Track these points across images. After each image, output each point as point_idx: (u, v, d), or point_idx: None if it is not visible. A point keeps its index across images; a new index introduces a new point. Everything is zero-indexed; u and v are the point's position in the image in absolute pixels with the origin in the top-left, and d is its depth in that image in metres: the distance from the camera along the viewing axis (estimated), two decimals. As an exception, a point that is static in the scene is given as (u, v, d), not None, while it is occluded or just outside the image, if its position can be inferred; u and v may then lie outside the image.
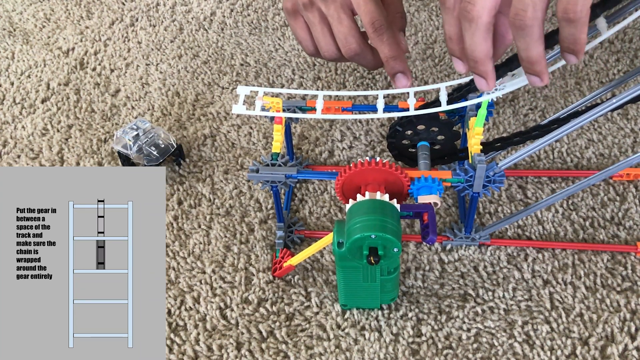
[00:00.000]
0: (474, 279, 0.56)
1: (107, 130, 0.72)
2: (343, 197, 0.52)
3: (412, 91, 0.50)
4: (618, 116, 0.69)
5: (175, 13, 0.88)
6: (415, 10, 0.85)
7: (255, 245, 0.60)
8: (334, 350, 0.52)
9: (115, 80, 0.79)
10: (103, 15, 0.89)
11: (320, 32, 0.52)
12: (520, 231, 0.60)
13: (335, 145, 0.69)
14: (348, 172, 0.50)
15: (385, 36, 0.49)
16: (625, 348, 0.51)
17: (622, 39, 0.79)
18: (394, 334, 0.53)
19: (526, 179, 0.64)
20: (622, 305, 0.54)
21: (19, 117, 0.75)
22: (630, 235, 0.59)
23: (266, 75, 0.78)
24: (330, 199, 0.64)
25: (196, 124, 0.72)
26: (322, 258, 0.59)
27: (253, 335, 0.53)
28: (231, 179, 0.66)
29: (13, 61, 0.82)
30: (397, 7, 0.52)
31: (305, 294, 0.56)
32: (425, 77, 0.76)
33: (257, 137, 0.70)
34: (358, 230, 0.46)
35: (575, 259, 0.57)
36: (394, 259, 0.48)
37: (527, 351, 0.51)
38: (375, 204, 0.47)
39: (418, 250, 0.59)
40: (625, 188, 0.63)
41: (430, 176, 0.50)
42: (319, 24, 0.51)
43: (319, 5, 0.51)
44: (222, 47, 0.82)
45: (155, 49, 0.83)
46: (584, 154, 0.66)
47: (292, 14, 0.53)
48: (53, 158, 0.69)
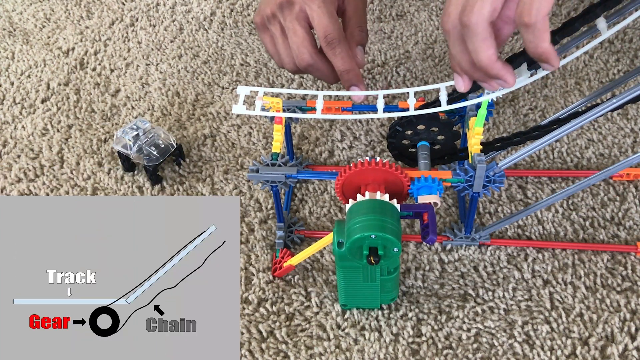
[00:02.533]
0: (474, 279, 0.56)
1: (107, 130, 0.72)
2: (343, 197, 0.52)
3: (412, 91, 0.50)
4: (618, 116, 0.69)
5: (175, 13, 0.88)
6: (415, 10, 0.85)
7: (255, 245, 0.60)
8: (334, 350, 0.52)
9: (115, 80, 0.79)
10: (103, 15, 0.89)
11: (280, 44, 0.53)
12: (520, 231, 0.60)
13: (335, 145, 0.69)
14: (348, 172, 0.50)
15: (338, 49, 0.50)
16: (625, 348, 0.51)
17: (622, 39, 0.79)
18: (394, 334, 0.53)
19: (526, 179, 0.64)
20: (622, 305, 0.54)
21: (19, 117, 0.75)
22: (630, 235, 0.59)
23: (266, 75, 0.78)
24: (330, 199, 0.64)
25: (196, 124, 0.72)
26: (322, 258, 0.59)
27: (253, 335, 0.53)
28: (231, 179, 0.66)
29: (13, 61, 0.82)
30: (358, 22, 0.54)
31: (305, 294, 0.56)
32: (425, 77, 0.76)
33: (257, 137, 0.70)
34: (358, 230, 0.46)
35: (575, 259, 0.57)
36: (394, 259, 0.48)
37: (527, 351, 0.51)
38: (375, 204, 0.47)
39: (418, 250, 0.59)
40: (625, 188, 0.63)
41: (430, 176, 0.50)
42: (280, 36, 0.53)
43: (279, 18, 0.52)
44: (222, 47, 0.82)
45: (155, 49, 0.83)
46: (584, 154, 0.66)
47: (261, 28, 0.55)
48: (53, 158, 0.69)
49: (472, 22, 0.40)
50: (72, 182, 0.67)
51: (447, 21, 0.42)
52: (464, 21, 0.41)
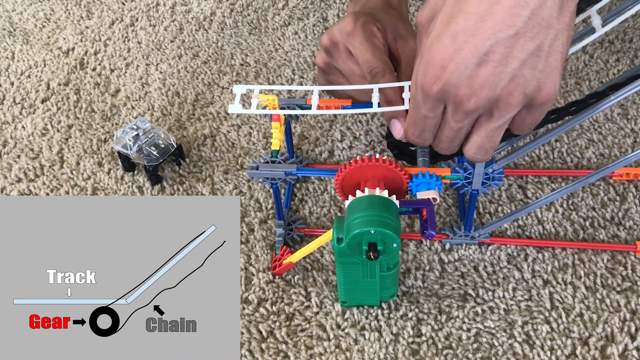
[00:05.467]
0: (474, 279, 0.56)
1: (107, 130, 0.72)
2: (342, 193, 0.52)
3: (406, 85, 0.49)
4: (618, 116, 0.69)
5: (175, 13, 0.88)
6: (415, 10, 0.85)
7: (255, 245, 0.60)
8: (334, 350, 0.52)
9: (115, 80, 0.79)
10: (103, 15, 0.89)
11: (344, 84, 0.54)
12: (520, 231, 0.60)
13: (335, 145, 0.69)
14: (347, 169, 0.50)
15: (381, 81, 0.50)
16: (625, 348, 0.51)
17: (622, 39, 0.79)
18: (394, 334, 0.53)
19: (526, 179, 0.64)
20: (622, 305, 0.54)
21: (19, 117, 0.75)
22: (630, 235, 0.59)
23: (266, 75, 0.78)
24: (330, 199, 0.64)
25: (196, 124, 0.72)
26: (322, 258, 0.59)
27: (253, 335, 0.53)
28: (231, 179, 0.66)
29: (13, 61, 0.82)
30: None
31: (305, 294, 0.56)
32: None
33: (257, 137, 0.70)
34: (357, 226, 0.46)
35: (575, 259, 0.57)
36: (394, 254, 0.48)
37: (527, 351, 0.51)
38: (375, 200, 0.47)
39: (418, 250, 0.59)
40: (625, 188, 0.63)
41: (429, 173, 0.50)
42: (342, 78, 0.54)
43: (333, 64, 0.53)
44: (222, 47, 0.82)
45: (155, 49, 0.83)
46: (584, 154, 0.66)
47: (323, 78, 0.55)
48: (53, 158, 0.69)
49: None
50: (72, 182, 0.67)
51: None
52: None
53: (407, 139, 0.46)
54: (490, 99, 0.38)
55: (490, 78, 0.37)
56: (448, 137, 0.43)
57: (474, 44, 0.36)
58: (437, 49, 0.38)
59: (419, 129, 0.43)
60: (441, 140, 0.44)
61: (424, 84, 0.39)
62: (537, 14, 0.36)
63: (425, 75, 0.39)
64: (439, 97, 0.39)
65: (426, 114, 0.41)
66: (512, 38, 0.36)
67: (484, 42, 0.36)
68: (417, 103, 0.42)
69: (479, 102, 0.38)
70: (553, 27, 0.36)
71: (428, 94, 0.39)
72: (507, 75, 0.37)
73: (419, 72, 0.39)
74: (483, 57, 0.36)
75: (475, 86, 0.37)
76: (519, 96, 0.38)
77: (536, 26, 0.36)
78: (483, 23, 0.36)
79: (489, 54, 0.36)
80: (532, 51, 0.36)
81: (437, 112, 0.41)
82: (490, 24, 0.36)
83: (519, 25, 0.36)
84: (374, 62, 0.50)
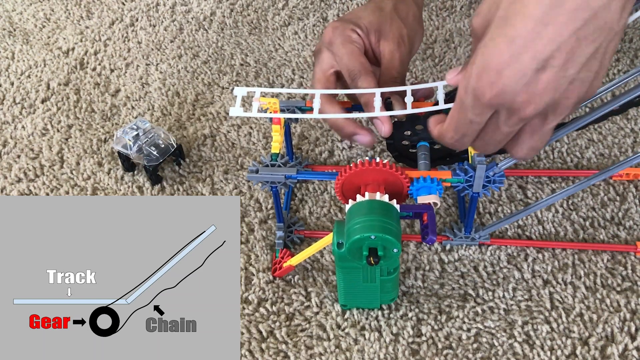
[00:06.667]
0: (474, 279, 0.56)
1: (107, 130, 0.72)
2: (343, 197, 0.52)
3: (409, 89, 0.50)
4: (618, 116, 0.69)
5: (175, 13, 0.88)
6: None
7: (255, 245, 0.60)
8: (334, 350, 0.52)
9: (115, 80, 0.79)
10: (103, 15, 0.89)
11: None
12: (520, 231, 0.60)
13: (335, 145, 0.69)
14: (348, 173, 0.50)
15: (358, 82, 0.50)
16: (625, 348, 0.51)
17: (622, 39, 0.79)
18: (394, 334, 0.53)
19: (526, 179, 0.64)
20: (622, 305, 0.54)
21: (19, 117, 0.75)
22: (630, 235, 0.59)
23: (266, 75, 0.78)
24: (330, 199, 0.64)
25: (196, 124, 0.72)
26: (322, 258, 0.59)
27: (253, 335, 0.53)
28: (231, 179, 0.66)
29: (13, 61, 0.82)
30: (393, 72, 0.53)
31: (305, 294, 0.56)
32: (425, 77, 0.76)
33: (257, 137, 0.70)
34: (358, 231, 0.46)
35: (575, 259, 0.57)
36: (394, 259, 0.48)
37: (527, 351, 0.51)
38: (375, 205, 0.47)
39: (418, 250, 0.59)
40: (625, 188, 0.63)
41: (430, 176, 0.50)
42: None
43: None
44: (222, 47, 0.82)
45: (155, 49, 0.83)
46: (584, 154, 0.66)
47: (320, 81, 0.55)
48: (53, 158, 0.69)
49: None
50: (72, 182, 0.67)
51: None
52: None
53: (443, 143, 0.44)
54: (548, 105, 0.37)
55: (551, 84, 0.36)
56: (497, 140, 0.41)
57: (534, 50, 0.35)
58: (493, 54, 0.36)
59: (461, 133, 0.41)
60: (488, 143, 0.42)
61: (476, 88, 0.37)
62: (600, 17, 0.34)
63: (479, 80, 0.37)
64: (491, 103, 0.38)
65: (473, 118, 0.40)
66: (575, 43, 0.34)
67: (545, 48, 0.34)
68: (464, 107, 0.40)
69: (537, 108, 0.37)
70: (613, 30, 0.35)
71: (480, 99, 0.38)
72: (566, 80, 0.35)
73: (472, 76, 0.38)
74: (543, 63, 0.35)
75: (535, 93, 0.36)
76: (575, 98, 0.37)
77: (597, 29, 0.34)
78: (543, 27, 0.34)
79: (550, 60, 0.35)
80: (591, 54, 0.35)
81: (484, 118, 0.39)
82: (551, 29, 0.34)
83: (581, 30, 0.34)
84: (350, 65, 0.51)
